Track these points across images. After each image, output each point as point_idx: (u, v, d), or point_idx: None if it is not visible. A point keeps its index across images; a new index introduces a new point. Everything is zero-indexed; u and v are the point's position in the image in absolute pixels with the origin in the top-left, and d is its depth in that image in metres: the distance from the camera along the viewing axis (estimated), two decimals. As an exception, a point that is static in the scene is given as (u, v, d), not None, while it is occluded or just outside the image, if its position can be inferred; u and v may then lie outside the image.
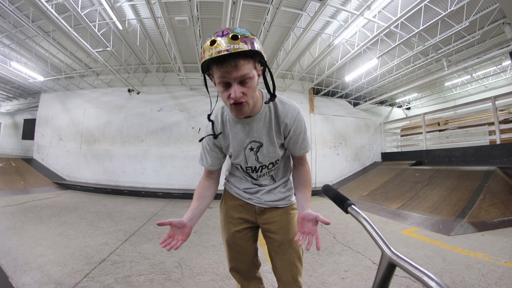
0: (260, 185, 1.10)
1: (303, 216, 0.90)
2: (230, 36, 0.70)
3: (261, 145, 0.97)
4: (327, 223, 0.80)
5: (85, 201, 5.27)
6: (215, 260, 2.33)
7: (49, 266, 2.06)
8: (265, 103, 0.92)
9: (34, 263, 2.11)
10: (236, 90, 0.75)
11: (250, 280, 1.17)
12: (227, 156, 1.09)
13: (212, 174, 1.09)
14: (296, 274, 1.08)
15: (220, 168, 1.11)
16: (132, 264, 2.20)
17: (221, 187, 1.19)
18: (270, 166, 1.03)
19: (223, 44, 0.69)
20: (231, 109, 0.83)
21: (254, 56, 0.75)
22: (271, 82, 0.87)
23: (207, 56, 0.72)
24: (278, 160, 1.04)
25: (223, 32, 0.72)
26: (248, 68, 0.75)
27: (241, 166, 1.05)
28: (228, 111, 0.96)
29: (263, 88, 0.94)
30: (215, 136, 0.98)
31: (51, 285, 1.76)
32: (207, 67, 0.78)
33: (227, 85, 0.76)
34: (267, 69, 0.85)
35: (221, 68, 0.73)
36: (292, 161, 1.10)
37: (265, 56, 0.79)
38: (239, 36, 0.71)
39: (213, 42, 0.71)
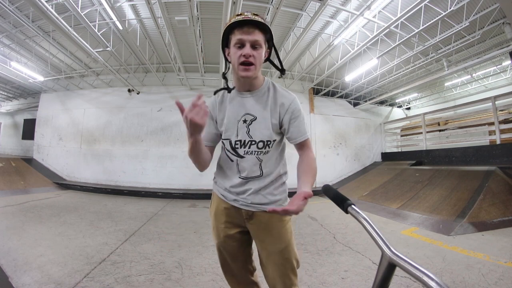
0: (246, 178, 1.02)
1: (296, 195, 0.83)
2: (252, 13, 0.92)
3: (254, 119, 0.99)
4: (310, 195, 0.80)
5: (85, 201, 5.27)
6: (215, 260, 2.32)
7: (49, 266, 2.06)
8: (278, 77, 1.05)
9: (34, 263, 2.11)
10: (248, 48, 0.90)
11: (244, 285, 1.14)
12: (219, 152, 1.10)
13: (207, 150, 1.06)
14: (291, 284, 1.01)
15: (212, 150, 1.07)
16: (132, 264, 2.20)
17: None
18: (260, 144, 0.99)
19: (246, 15, 0.90)
20: (239, 69, 0.93)
21: (266, 32, 0.93)
22: (277, 61, 1.02)
23: (232, 20, 0.91)
24: (269, 142, 0.99)
25: (247, 11, 0.93)
26: (260, 37, 0.91)
27: (230, 143, 1.02)
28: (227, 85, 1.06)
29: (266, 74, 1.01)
30: (229, 90, 1.05)
31: (51, 285, 1.76)
32: (228, 35, 0.94)
33: (241, 47, 0.91)
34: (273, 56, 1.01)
35: (241, 29, 0.90)
36: (297, 150, 1.03)
37: (273, 37, 0.97)
38: (259, 15, 0.92)
39: (239, 14, 0.91)
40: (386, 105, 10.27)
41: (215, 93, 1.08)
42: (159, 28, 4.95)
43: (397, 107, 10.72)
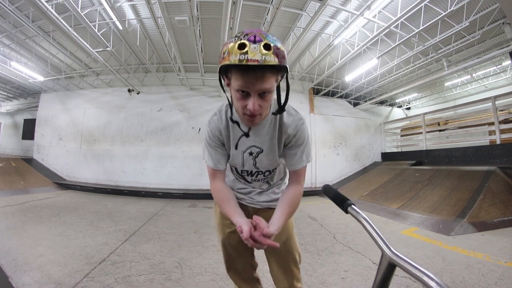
0: (253, 187, 1.11)
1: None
2: (262, 45, 0.64)
3: (261, 151, 0.94)
4: (268, 236, 0.74)
5: (85, 201, 5.27)
6: (215, 260, 2.32)
7: (49, 266, 2.06)
8: (273, 113, 0.88)
9: (34, 263, 2.11)
10: (255, 103, 0.72)
11: (247, 281, 1.17)
12: None
13: (221, 174, 1.00)
14: (292, 279, 1.04)
15: (225, 170, 1.03)
16: (132, 264, 2.20)
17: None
18: (267, 173, 1.02)
19: (254, 53, 0.64)
20: (243, 118, 0.81)
21: (280, 70, 0.72)
22: (284, 95, 0.84)
23: (232, 60, 0.66)
24: (275, 168, 1.02)
25: (255, 37, 0.65)
26: (271, 82, 0.71)
27: (236, 169, 1.04)
28: (234, 111, 0.91)
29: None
30: (247, 134, 0.91)
31: (51, 285, 1.76)
32: (226, 69, 0.72)
33: (245, 95, 0.73)
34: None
35: (245, 77, 0.68)
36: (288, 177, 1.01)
37: (289, 70, 0.76)
38: (272, 47, 0.65)
39: (242, 46, 0.65)
40: (386, 105, 10.27)
41: (232, 120, 0.92)
42: (159, 28, 4.95)
43: (397, 107, 10.72)
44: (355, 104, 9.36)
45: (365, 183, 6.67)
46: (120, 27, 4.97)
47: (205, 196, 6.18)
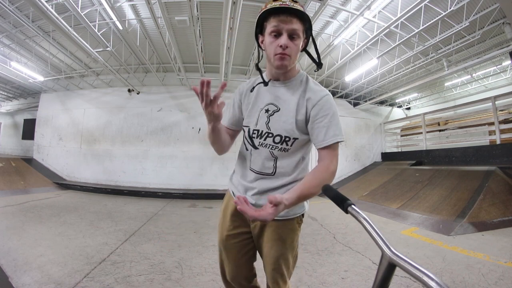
0: (256, 172, 0.95)
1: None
2: None
3: (277, 110, 0.92)
4: (280, 206, 0.70)
5: (85, 201, 5.27)
6: (215, 260, 2.32)
7: (49, 266, 2.06)
8: (315, 71, 1.04)
9: (34, 263, 2.11)
10: (285, 38, 0.83)
11: None
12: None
13: (228, 132, 1.04)
14: None
15: (236, 134, 1.07)
16: (132, 264, 2.20)
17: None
18: (277, 139, 0.90)
19: (285, 1, 0.82)
20: (274, 59, 0.86)
21: (304, 22, 0.85)
22: (315, 53, 0.95)
23: (268, 7, 0.83)
24: (288, 138, 0.90)
25: None
26: (298, 26, 0.84)
27: (248, 130, 0.97)
28: (263, 75, 1.00)
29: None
30: (265, 83, 0.97)
31: (51, 285, 1.76)
32: (263, 22, 0.88)
33: (277, 36, 0.84)
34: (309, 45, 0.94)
35: (278, 17, 0.82)
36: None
37: (313, 27, 0.89)
38: (298, 1, 0.84)
39: (275, 0, 0.83)
40: (386, 105, 10.26)
41: (257, 67, 1.01)
42: (159, 28, 4.95)
43: (397, 107, 10.71)
44: (355, 104, 9.36)
45: (365, 183, 6.67)
46: (120, 27, 4.97)
47: (205, 196, 6.18)
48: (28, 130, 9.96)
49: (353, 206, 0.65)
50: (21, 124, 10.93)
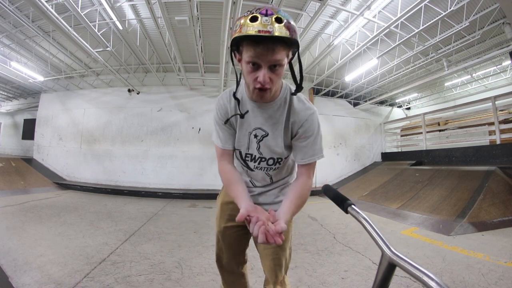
0: (255, 185, 1.05)
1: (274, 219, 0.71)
2: (274, 18, 0.66)
3: (266, 135, 0.91)
4: (282, 231, 0.65)
5: (85, 201, 5.27)
6: (215, 260, 2.32)
7: (49, 266, 2.06)
8: (292, 94, 0.88)
9: (34, 263, 2.11)
10: (265, 75, 0.72)
11: (233, 274, 1.19)
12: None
13: (229, 155, 0.98)
14: (276, 280, 1.01)
15: (233, 152, 0.99)
16: (132, 264, 2.20)
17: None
18: (270, 162, 0.95)
19: (266, 25, 0.65)
20: (253, 92, 0.79)
21: (291, 45, 0.73)
22: (299, 74, 0.83)
23: (244, 31, 0.67)
24: (280, 159, 0.95)
25: (267, 10, 0.67)
26: (282, 55, 0.72)
27: (240, 153, 0.98)
28: (243, 90, 0.91)
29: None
30: (241, 115, 0.90)
31: (51, 285, 1.76)
32: (238, 42, 0.74)
33: (256, 67, 0.73)
34: (293, 61, 0.82)
35: (257, 48, 0.69)
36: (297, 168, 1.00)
37: (300, 46, 0.77)
38: (283, 20, 0.67)
39: (254, 19, 0.66)
40: (386, 105, 10.26)
41: (235, 97, 0.91)
42: (159, 28, 4.95)
43: (397, 107, 10.71)
44: (355, 104, 9.36)
45: (365, 183, 6.67)
46: (120, 27, 4.97)
47: (205, 196, 6.18)
48: (28, 130, 9.96)
49: (353, 206, 0.66)
50: (21, 124, 10.93)
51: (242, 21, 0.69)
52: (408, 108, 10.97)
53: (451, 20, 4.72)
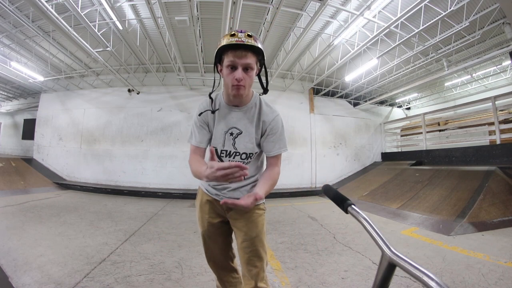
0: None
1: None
2: (246, 34, 0.95)
3: (240, 132, 1.10)
4: (260, 198, 0.94)
5: (85, 201, 5.27)
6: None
7: (49, 266, 2.06)
8: (260, 94, 1.14)
9: (34, 263, 2.11)
10: (240, 73, 0.95)
11: (225, 270, 1.28)
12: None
13: (200, 152, 1.15)
14: (256, 273, 1.09)
15: (205, 150, 1.16)
16: (132, 264, 2.20)
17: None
18: (243, 156, 1.12)
19: (241, 37, 0.93)
20: (231, 89, 0.98)
21: (258, 54, 0.99)
22: (265, 80, 1.10)
23: (225, 42, 0.94)
24: (251, 154, 1.12)
25: (241, 30, 0.96)
26: (253, 61, 0.97)
27: (216, 151, 1.12)
28: (221, 97, 1.13)
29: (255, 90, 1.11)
30: (213, 111, 1.11)
31: (51, 285, 1.76)
32: (221, 53, 0.98)
33: (233, 69, 0.96)
34: (263, 70, 1.08)
35: (235, 53, 0.94)
36: (266, 161, 1.17)
37: (265, 57, 1.03)
38: (253, 36, 0.96)
39: (233, 35, 0.94)
40: (386, 105, 10.27)
41: (210, 97, 1.13)
42: (159, 28, 4.95)
43: (397, 107, 10.72)
44: (355, 104, 9.36)
45: (365, 183, 6.67)
46: (120, 27, 4.97)
47: (205, 196, 6.17)
48: (28, 130, 9.96)
49: (353, 206, 0.66)
50: (21, 124, 10.93)
51: (225, 38, 0.96)
52: (408, 108, 10.97)
53: (451, 20, 4.72)
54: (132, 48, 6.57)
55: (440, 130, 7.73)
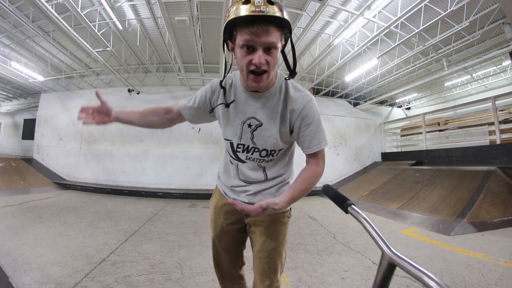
0: (247, 181, 0.98)
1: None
2: (266, 0, 0.66)
3: (260, 124, 0.88)
4: (273, 210, 0.77)
5: (85, 201, 5.27)
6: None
7: (49, 266, 2.06)
8: (286, 79, 0.87)
9: (34, 263, 2.11)
10: (260, 56, 0.70)
11: (231, 277, 1.15)
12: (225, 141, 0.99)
13: (172, 113, 1.02)
14: (269, 284, 0.96)
15: (180, 119, 1.03)
16: (132, 264, 2.20)
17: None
18: (263, 153, 0.91)
19: (258, 5, 0.65)
20: (248, 78, 0.77)
21: (283, 27, 0.72)
22: (292, 60, 0.83)
23: (233, 14, 0.68)
24: (273, 151, 0.91)
25: None
26: (276, 37, 0.71)
27: (231, 145, 0.94)
28: (237, 79, 0.90)
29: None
30: (227, 105, 0.90)
31: (51, 285, 1.76)
32: (231, 27, 0.73)
33: (250, 50, 0.71)
34: (287, 47, 0.82)
35: (251, 28, 0.67)
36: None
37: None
38: (275, 3, 0.67)
39: (247, 1, 0.66)
40: (386, 105, 10.26)
41: (221, 86, 0.91)
42: (159, 28, 4.95)
43: (397, 107, 10.72)
44: (355, 104, 9.36)
45: (365, 183, 6.67)
46: (120, 27, 4.96)
47: (205, 196, 6.17)
48: (28, 130, 9.96)
49: (353, 206, 0.66)
50: (21, 124, 10.93)
51: (234, 6, 0.68)
52: (408, 108, 10.97)
53: (451, 20, 4.72)
54: (132, 48, 6.57)
55: (440, 130, 7.72)
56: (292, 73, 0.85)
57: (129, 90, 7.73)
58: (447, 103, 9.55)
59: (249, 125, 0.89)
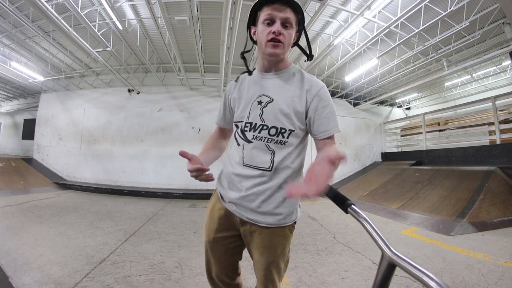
0: (250, 166, 0.90)
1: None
2: None
3: (271, 100, 0.89)
4: (341, 158, 0.61)
5: (85, 201, 5.27)
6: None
7: (49, 266, 2.06)
8: (305, 61, 1.03)
9: (34, 263, 2.11)
10: (279, 26, 0.84)
11: (225, 286, 1.06)
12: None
13: (222, 132, 1.11)
14: None
15: (230, 132, 1.09)
16: (132, 264, 2.20)
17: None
18: (272, 131, 0.87)
19: None
20: (266, 47, 0.86)
21: (297, 13, 0.88)
22: (306, 45, 0.96)
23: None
24: (284, 130, 0.87)
25: None
26: (292, 16, 0.86)
27: (240, 127, 0.94)
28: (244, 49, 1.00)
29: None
30: (249, 72, 0.99)
31: (51, 285, 1.76)
32: (256, 11, 0.89)
33: (270, 24, 0.85)
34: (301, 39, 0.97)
35: (271, 6, 0.84)
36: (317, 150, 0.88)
37: (305, 21, 0.93)
38: None
39: None
40: (386, 105, 10.27)
41: (236, 80, 1.02)
42: (159, 28, 4.95)
43: (397, 107, 10.72)
44: (355, 104, 9.36)
45: (365, 183, 6.66)
46: (120, 27, 4.96)
47: (205, 196, 6.17)
48: (28, 130, 9.96)
49: (353, 206, 0.65)
50: (21, 124, 10.93)
51: None
52: (408, 108, 10.97)
53: (451, 20, 4.72)
54: (132, 48, 6.57)
55: (440, 130, 7.72)
56: (310, 55, 0.95)
57: (129, 90, 7.73)
58: (447, 103, 9.55)
59: (259, 102, 0.90)
